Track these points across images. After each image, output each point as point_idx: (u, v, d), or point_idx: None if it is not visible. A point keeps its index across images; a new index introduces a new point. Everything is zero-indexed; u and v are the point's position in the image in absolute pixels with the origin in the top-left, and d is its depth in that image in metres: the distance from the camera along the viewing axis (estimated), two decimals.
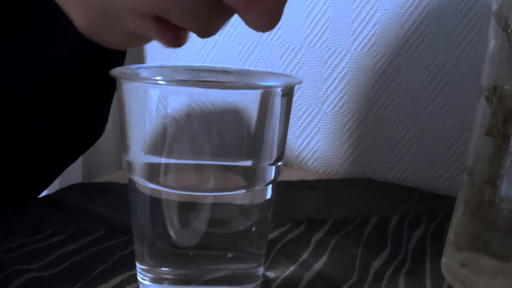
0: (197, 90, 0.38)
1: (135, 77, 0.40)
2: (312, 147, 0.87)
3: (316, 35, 0.85)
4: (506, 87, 0.48)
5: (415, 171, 0.83)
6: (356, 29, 0.83)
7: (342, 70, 0.84)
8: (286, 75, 0.45)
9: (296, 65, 0.86)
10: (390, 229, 0.64)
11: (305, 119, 0.87)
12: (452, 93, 0.79)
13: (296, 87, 0.86)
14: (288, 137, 0.68)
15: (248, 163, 0.39)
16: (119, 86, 0.40)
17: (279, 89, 0.38)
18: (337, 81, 0.84)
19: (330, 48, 0.84)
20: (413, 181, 0.83)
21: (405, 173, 0.84)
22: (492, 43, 0.51)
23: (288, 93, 0.40)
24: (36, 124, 0.62)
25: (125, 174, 0.44)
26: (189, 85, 0.39)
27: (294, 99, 0.87)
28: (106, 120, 0.71)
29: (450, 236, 0.53)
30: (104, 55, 0.62)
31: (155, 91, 0.38)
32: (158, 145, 0.39)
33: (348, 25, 0.83)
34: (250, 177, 0.40)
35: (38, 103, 0.60)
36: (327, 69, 0.85)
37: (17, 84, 0.56)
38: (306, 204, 0.69)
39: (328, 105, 0.86)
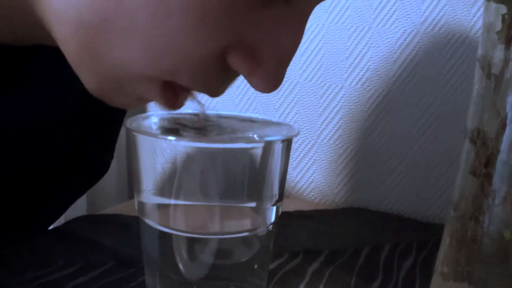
0: (211, 144, 0.42)
1: (147, 131, 0.44)
2: (308, 178, 0.91)
3: (311, 71, 0.89)
4: (486, 130, 0.52)
5: (406, 201, 0.87)
6: (350, 66, 0.87)
7: (337, 105, 0.88)
8: (285, 125, 0.48)
9: (292, 100, 0.90)
10: (382, 258, 0.67)
11: (301, 151, 0.91)
12: (440, 129, 0.83)
13: (292, 121, 0.90)
14: None
15: (252, 204, 0.43)
16: (132, 137, 0.44)
17: (279, 141, 0.43)
18: (332, 115, 0.88)
19: (325, 84, 0.88)
20: (405, 211, 0.87)
21: (396, 203, 0.87)
22: (476, 87, 0.55)
23: (287, 142, 0.44)
24: (47, 162, 0.65)
25: (128, 205, 0.48)
26: (197, 141, 0.43)
27: None
28: (112, 157, 0.75)
29: (438, 266, 0.57)
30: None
31: (166, 145, 0.42)
32: (167, 187, 0.43)
33: (342, 62, 0.87)
34: (254, 217, 0.44)
35: (49, 144, 0.64)
36: (322, 104, 0.89)
37: (30, 127, 0.60)
38: (303, 234, 0.73)
39: (323, 138, 0.89)
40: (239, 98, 0.93)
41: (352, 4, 0.86)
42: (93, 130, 0.69)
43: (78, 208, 0.95)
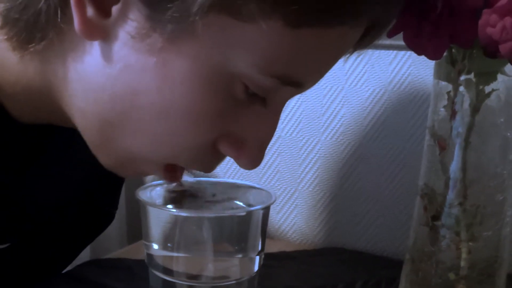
0: (205, 214, 0.53)
1: (155, 204, 0.55)
2: (290, 221, 1.02)
3: (291, 126, 0.99)
4: (434, 188, 0.63)
5: (379, 240, 0.97)
6: (325, 121, 0.98)
7: (315, 156, 0.99)
8: (265, 191, 0.59)
9: (275, 152, 1.01)
10: None
11: (284, 197, 1.01)
12: (406, 176, 0.94)
13: (275, 170, 1.00)
14: (269, 213, 0.83)
15: (239, 255, 0.54)
16: (142, 206, 0.55)
17: (260, 209, 0.54)
18: (310, 165, 0.99)
19: (303, 137, 0.99)
20: (378, 249, 0.97)
21: (370, 242, 0.98)
22: (426, 148, 0.65)
23: (266, 209, 0.55)
24: (64, 216, 0.75)
25: (129, 250, 0.58)
26: (195, 213, 0.54)
27: (274, 180, 1.01)
28: (116, 208, 0.85)
29: None
30: None
31: (173, 214, 0.53)
32: (170, 243, 0.54)
33: (318, 118, 0.98)
34: (242, 265, 0.55)
35: (66, 201, 0.74)
36: (302, 155, 1.00)
37: (49, 191, 0.70)
38: (286, 275, 0.83)
39: (303, 186, 1.00)
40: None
41: None
42: (101, 188, 0.80)
43: (83, 253, 1.05)
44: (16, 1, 0.53)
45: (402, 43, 0.57)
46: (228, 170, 1.03)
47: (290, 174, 1.01)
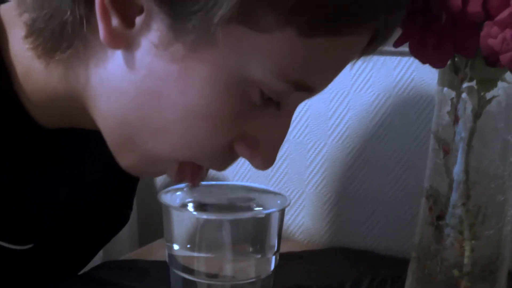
0: (225, 217, 0.56)
1: (179, 207, 0.59)
2: (298, 222, 1.05)
3: (299, 130, 1.03)
4: (438, 189, 0.66)
5: (384, 240, 1.01)
6: (332, 125, 1.01)
7: (322, 158, 1.02)
8: (280, 195, 0.63)
9: (283, 155, 1.04)
10: None
11: (292, 199, 1.05)
12: (410, 177, 0.97)
13: (283, 173, 1.04)
14: None
15: (258, 255, 0.57)
16: (165, 209, 0.58)
17: (276, 212, 0.57)
18: (317, 167, 1.02)
19: (311, 141, 1.02)
20: (382, 248, 1.00)
21: (375, 242, 1.01)
22: (430, 151, 0.69)
23: (281, 211, 0.58)
24: (82, 218, 0.78)
25: (141, 252, 0.61)
26: (216, 216, 0.57)
27: (282, 182, 1.05)
28: (131, 210, 0.88)
29: None
30: None
31: (194, 217, 0.56)
32: (193, 244, 0.57)
33: (325, 122, 1.01)
34: (259, 265, 0.58)
35: (84, 203, 0.77)
36: (309, 158, 1.03)
37: (69, 193, 0.73)
38: (294, 274, 0.86)
39: (311, 188, 1.03)
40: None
41: None
42: (116, 189, 0.83)
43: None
44: (42, 11, 0.56)
45: (405, 49, 0.60)
46: (237, 172, 1.06)
47: (297, 176, 1.04)
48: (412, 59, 0.96)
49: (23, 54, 0.58)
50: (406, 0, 0.54)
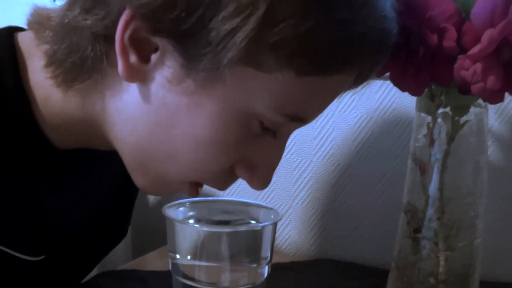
0: (225, 230, 0.63)
1: (182, 220, 0.65)
2: (285, 235, 1.11)
3: (286, 148, 1.08)
4: (416, 204, 0.72)
5: (367, 253, 1.07)
6: (317, 144, 1.07)
7: (307, 175, 1.08)
8: (273, 209, 0.69)
9: None
10: None
11: None
12: (392, 194, 1.03)
13: (271, 189, 1.10)
14: None
15: (254, 265, 0.64)
16: (169, 222, 0.64)
17: (270, 225, 0.63)
18: (303, 184, 1.09)
19: (297, 159, 1.09)
20: (366, 260, 1.06)
21: (358, 254, 1.07)
22: (408, 170, 0.75)
23: (274, 224, 0.64)
24: (86, 232, 0.83)
25: (136, 263, 0.67)
26: (215, 228, 0.64)
27: (270, 198, 1.11)
28: (129, 224, 0.94)
29: None
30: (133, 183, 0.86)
31: (196, 230, 0.63)
32: (194, 254, 0.63)
33: (311, 141, 1.08)
34: (254, 273, 0.64)
35: (88, 219, 0.81)
36: (296, 175, 1.09)
37: (77, 209, 0.78)
38: (284, 283, 0.92)
39: (297, 203, 1.10)
40: None
41: None
42: (117, 205, 0.88)
43: None
44: (61, 44, 0.62)
45: (387, 73, 0.66)
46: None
47: (284, 192, 1.10)
48: None
49: (42, 82, 0.64)
50: (390, 45, 0.60)
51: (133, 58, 0.58)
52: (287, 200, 1.10)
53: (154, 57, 0.58)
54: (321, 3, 0.53)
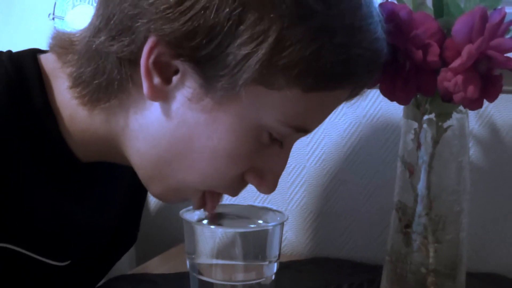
0: (239, 230, 0.70)
1: (199, 223, 0.72)
2: (282, 236, 1.18)
3: None
4: (406, 202, 0.79)
5: (359, 250, 1.14)
6: (310, 150, 1.14)
7: (301, 180, 1.15)
8: (279, 212, 0.76)
9: None
10: None
11: None
12: (381, 195, 1.10)
13: None
14: None
15: (265, 262, 0.71)
16: (188, 225, 0.71)
17: (278, 225, 0.71)
18: (298, 187, 1.16)
19: (291, 164, 1.16)
20: (358, 257, 1.13)
21: (351, 251, 1.14)
22: (398, 173, 0.82)
23: (281, 225, 0.72)
24: (100, 239, 0.87)
25: (141, 269, 0.77)
26: (230, 229, 0.72)
27: (266, 201, 1.18)
28: (138, 230, 0.99)
29: None
30: (142, 193, 0.93)
31: (213, 230, 0.70)
32: (210, 253, 0.70)
33: (304, 147, 1.15)
34: (264, 269, 0.71)
35: (102, 227, 0.85)
36: (290, 179, 1.16)
37: (96, 218, 0.82)
38: (284, 280, 0.98)
39: (293, 205, 1.17)
40: None
41: None
42: (129, 213, 0.94)
43: None
44: (87, 67, 0.68)
45: None
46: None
47: (280, 195, 1.17)
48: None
49: (68, 102, 0.70)
50: (381, 63, 0.67)
51: (156, 80, 0.65)
52: (283, 203, 1.17)
53: (175, 78, 0.65)
54: (323, 30, 0.61)
